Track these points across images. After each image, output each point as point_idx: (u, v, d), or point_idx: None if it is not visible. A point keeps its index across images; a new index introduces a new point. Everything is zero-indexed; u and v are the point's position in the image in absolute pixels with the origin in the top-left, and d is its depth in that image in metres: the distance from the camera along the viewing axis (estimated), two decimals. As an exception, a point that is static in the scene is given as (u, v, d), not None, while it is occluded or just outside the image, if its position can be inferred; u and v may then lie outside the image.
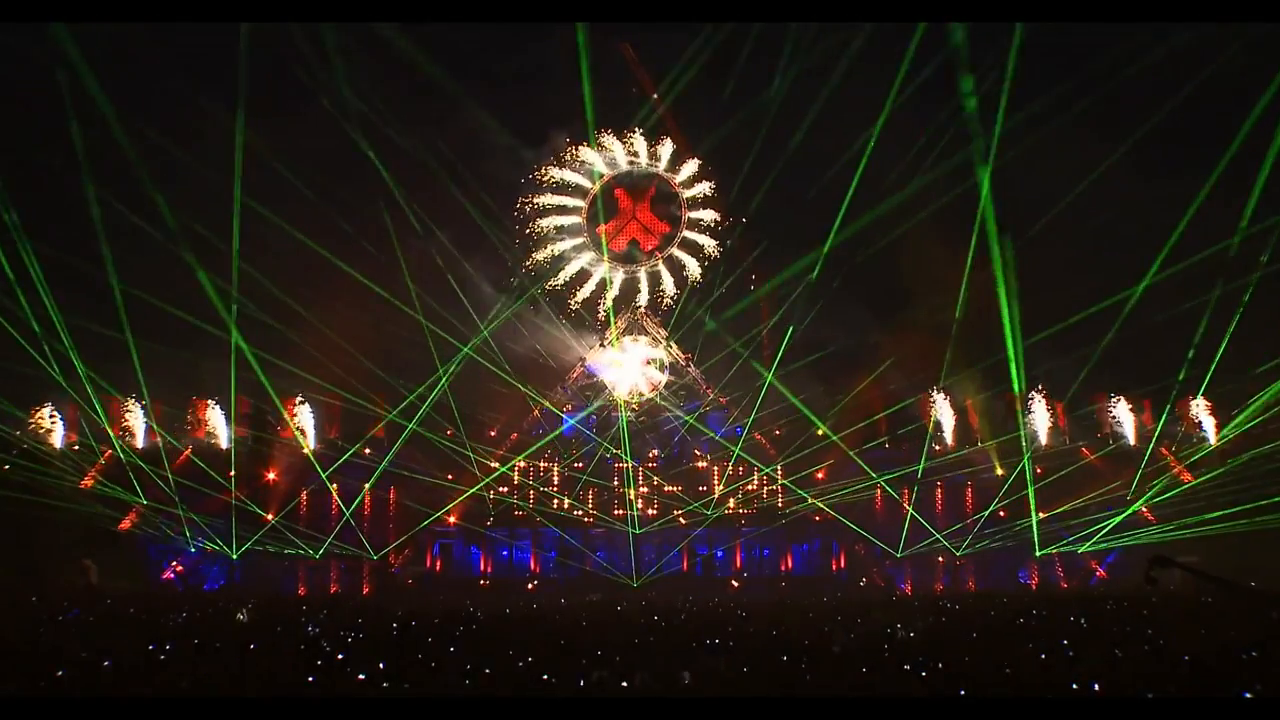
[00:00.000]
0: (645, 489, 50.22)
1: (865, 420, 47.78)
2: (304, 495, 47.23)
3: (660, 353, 52.71)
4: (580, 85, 41.77)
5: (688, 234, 52.23)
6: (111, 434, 44.05)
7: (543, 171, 51.45)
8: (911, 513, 47.32)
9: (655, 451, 50.92)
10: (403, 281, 44.14)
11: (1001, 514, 45.95)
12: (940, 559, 47.68)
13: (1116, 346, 42.23)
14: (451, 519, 49.83)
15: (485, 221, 49.03)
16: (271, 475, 46.71)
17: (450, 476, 47.97)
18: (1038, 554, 46.28)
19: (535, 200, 51.52)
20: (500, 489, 49.87)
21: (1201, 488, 42.21)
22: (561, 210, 51.93)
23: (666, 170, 52.15)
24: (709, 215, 52.07)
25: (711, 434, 51.78)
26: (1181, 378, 42.56)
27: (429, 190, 45.61)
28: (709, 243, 52.06)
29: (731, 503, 50.48)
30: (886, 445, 49.97)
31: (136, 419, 45.79)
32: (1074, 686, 13.83)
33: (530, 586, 46.81)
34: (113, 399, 45.31)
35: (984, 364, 44.67)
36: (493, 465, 49.42)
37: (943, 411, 49.08)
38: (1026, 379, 46.65)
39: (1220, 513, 39.86)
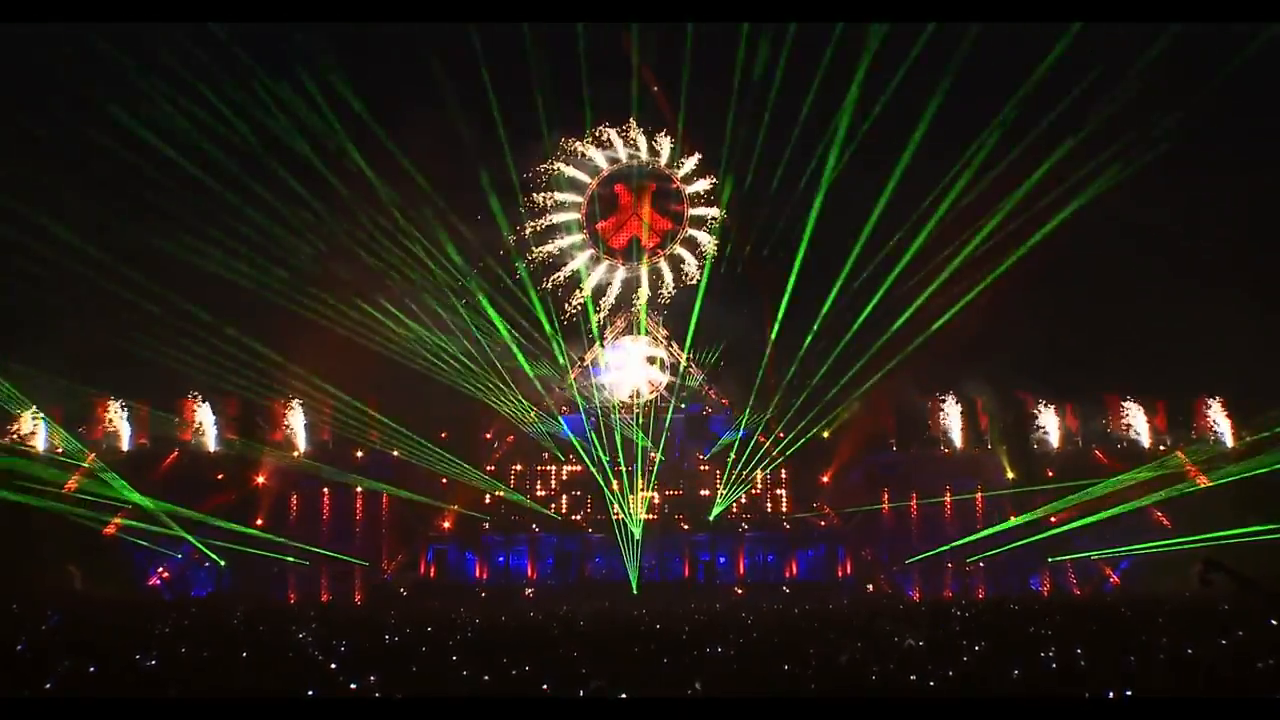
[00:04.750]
0: (645, 493, 49.08)
1: (872, 424, 46.98)
2: (294, 500, 46.22)
3: (661, 352, 51.66)
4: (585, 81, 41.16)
5: (690, 231, 51.21)
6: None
7: (541, 168, 50.52)
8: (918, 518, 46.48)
9: (655, 454, 49.67)
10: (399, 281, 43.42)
11: (1012, 518, 44.96)
12: (949, 565, 46.51)
13: (1127, 348, 41.61)
14: (446, 524, 48.81)
15: (482, 223, 48.19)
16: (261, 479, 45.72)
17: (444, 481, 46.96)
18: (1050, 560, 45.27)
19: (534, 198, 50.58)
20: (496, 493, 48.85)
21: (1217, 492, 41.23)
22: (560, 207, 51.00)
23: (667, 166, 51.11)
24: (710, 212, 51.01)
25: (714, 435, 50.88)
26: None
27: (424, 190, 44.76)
28: (708, 240, 50.96)
29: (734, 507, 49.49)
30: (894, 449, 49.10)
31: (121, 421, 44.88)
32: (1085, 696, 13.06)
33: (528, 593, 45.60)
34: (98, 400, 44.44)
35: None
36: (488, 468, 48.49)
37: (951, 416, 48.29)
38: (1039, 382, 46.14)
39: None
